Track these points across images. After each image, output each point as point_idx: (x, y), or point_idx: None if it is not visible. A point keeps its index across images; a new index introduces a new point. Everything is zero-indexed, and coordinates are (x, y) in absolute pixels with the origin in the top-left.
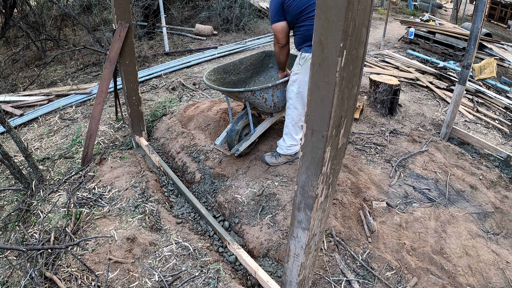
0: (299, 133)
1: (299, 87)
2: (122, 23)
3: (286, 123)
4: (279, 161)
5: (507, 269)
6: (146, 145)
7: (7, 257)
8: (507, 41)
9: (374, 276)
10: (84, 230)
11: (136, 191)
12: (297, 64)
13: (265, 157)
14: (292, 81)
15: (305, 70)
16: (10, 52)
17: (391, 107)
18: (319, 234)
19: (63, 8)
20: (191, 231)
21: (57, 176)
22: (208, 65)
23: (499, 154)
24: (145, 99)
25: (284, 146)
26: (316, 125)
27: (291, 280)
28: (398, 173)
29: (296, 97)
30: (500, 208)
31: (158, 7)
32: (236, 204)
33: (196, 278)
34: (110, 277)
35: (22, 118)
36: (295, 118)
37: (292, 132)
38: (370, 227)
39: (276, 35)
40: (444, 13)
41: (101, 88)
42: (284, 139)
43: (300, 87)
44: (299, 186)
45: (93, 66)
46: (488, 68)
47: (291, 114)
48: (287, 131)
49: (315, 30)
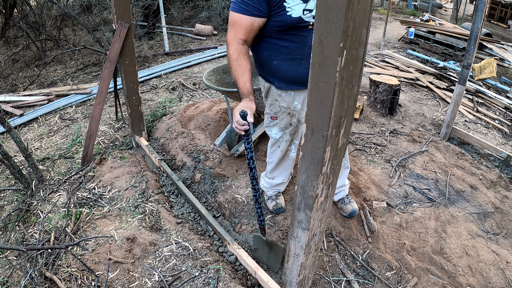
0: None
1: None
2: (122, 23)
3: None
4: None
5: (507, 269)
6: (146, 145)
7: (7, 257)
8: (507, 41)
9: (374, 276)
10: (84, 230)
11: (136, 191)
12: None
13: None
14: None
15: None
16: (10, 52)
17: (391, 107)
18: (319, 234)
19: (63, 8)
20: (191, 231)
21: (57, 176)
22: (208, 65)
23: (499, 154)
24: (145, 99)
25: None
26: (316, 125)
27: (291, 280)
28: (398, 173)
29: (273, 144)
30: (500, 208)
31: (158, 7)
32: (236, 204)
33: (196, 278)
34: (110, 277)
35: (22, 118)
36: (267, 170)
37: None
38: (370, 227)
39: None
40: (444, 13)
41: (101, 88)
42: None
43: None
44: (299, 186)
45: (93, 66)
46: (488, 68)
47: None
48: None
49: (315, 30)
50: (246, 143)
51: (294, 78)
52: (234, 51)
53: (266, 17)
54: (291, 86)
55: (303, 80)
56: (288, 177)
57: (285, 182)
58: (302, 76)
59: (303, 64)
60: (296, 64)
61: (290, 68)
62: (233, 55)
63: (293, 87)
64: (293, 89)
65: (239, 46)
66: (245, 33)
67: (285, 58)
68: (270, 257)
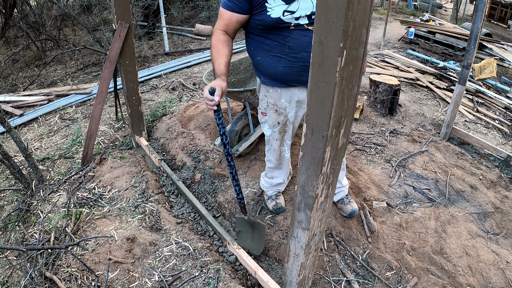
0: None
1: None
2: (122, 23)
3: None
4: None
5: (507, 269)
6: (146, 145)
7: (7, 257)
8: (507, 41)
9: (374, 276)
10: (84, 230)
11: (136, 191)
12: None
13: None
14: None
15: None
16: (10, 52)
17: (391, 107)
18: (319, 234)
19: (63, 8)
20: (191, 231)
21: (57, 176)
22: (208, 65)
23: (499, 154)
24: (145, 99)
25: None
26: (316, 125)
27: (291, 280)
28: (398, 173)
29: (268, 142)
30: (500, 208)
31: (158, 7)
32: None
33: (196, 278)
34: (110, 277)
35: (22, 118)
36: (266, 170)
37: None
38: (370, 227)
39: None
40: (444, 13)
41: (101, 88)
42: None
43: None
44: (299, 186)
45: (93, 66)
46: (488, 68)
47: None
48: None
49: (315, 30)
50: (217, 119)
51: (274, 75)
52: (215, 39)
53: (247, 14)
54: (274, 83)
55: (283, 79)
56: (287, 177)
57: (284, 182)
58: (282, 74)
59: (282, 63)
60: (276, 62)
61: (270, 65)
62: (213, 42)
63: (276, 84)
64: (277, 86)
65: (220, 35)
66: (225, 26)
67: (266, 55)
68: (254, 237)
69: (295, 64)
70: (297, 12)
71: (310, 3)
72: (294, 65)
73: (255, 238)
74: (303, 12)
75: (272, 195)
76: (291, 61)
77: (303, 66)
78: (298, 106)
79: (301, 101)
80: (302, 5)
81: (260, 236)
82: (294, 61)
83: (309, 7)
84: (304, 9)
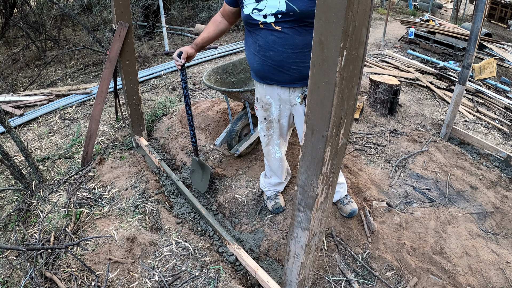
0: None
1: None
2: (122, 23)
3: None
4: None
5: (507, 269)
6: (146, 145)
7: (7, 257)
8: (507, 41)
9: (374, 276)
10: (84, 230)
11: (136, 191)
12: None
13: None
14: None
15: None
16: (10, 52)
17: (391, 107)
18: (319, 234)
19: (63, 8)
20: (191, 231)
21: (57, 176)
22: (208, 65)
23: (499, 154)
24: (145, 99)
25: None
26: (316, 125)
27: (291, 280)
28: (398, 173)
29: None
30: (500, 208)
31: (158, 7)
32: (236, 204)
33: (196, 278)
34: (110, 277)
35: (22, 118)
36: (265, 170)
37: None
38: (370, 227)
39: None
40: (444, 13)
41: (101, 88)
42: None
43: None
44: (299, 186)
45: (93, 66)
46: (488, 68)
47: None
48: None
49: (315, 30)
50: (181, 75)
51: (255, 72)
52: (212, 18)
53: (235, 7)
54: (257, 78)
55: (261, 76)
56: (284, 178)
57: (283, 183)
58: (257, 70)
59: (256, 60)
60: (253, 58)
61: (250, 61)
62: (210, 20)
63: (258, 80)
64: (261, 82)
65: (217, 16)
66: (223, 10)
67: (248, 50)
68: (202, 178)
69: (265, 63)
70: (264, 10)
71: (277, 2)
72: (264, 63)
73: (203, 179)
74: (269, 10)
75: (271, 195)
76: (262, 59)
77: (273, 65)
78: (282, 105)
79: (284, 100)
80: (269, 3)
81: (206, 177)
82: (264, 59)
83: (275, 5)
84: (270, 7)
